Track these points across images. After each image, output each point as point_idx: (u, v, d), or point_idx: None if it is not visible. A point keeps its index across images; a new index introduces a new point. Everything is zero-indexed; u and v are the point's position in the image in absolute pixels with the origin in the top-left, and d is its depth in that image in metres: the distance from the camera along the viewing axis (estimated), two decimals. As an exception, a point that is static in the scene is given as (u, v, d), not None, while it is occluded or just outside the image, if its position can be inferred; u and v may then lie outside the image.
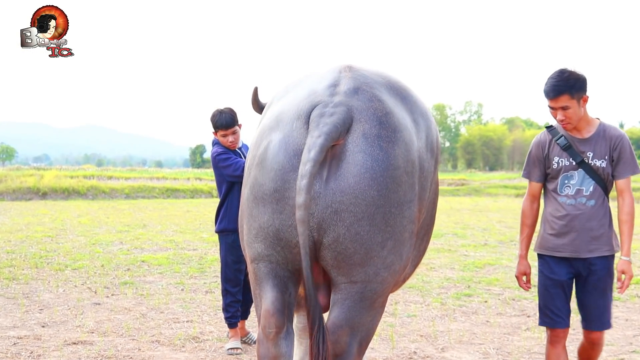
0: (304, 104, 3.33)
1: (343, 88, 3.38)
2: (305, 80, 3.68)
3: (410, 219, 3.35)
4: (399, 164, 3.24)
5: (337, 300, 3.35)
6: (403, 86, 3.73)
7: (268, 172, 3.26)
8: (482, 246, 14.54)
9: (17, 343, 6.42)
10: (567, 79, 4.41)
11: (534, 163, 4.80)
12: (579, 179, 4.57)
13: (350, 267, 3.24)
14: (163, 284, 9.58)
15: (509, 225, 19.84)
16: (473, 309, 8.15)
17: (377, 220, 3.18)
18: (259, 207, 3.29)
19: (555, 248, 4.69)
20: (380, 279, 3.31)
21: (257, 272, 3.42)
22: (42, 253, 12.36)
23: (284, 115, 3.38)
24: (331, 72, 3.58)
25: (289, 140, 3.25)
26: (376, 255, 3.23)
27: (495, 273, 10.83)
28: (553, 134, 4.69)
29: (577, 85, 4.41)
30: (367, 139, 3.19)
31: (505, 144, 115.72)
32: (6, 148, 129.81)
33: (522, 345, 6.66)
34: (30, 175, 36.16)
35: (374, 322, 3.47)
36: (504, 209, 28.71)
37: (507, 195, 44.65)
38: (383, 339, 6.81)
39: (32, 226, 17.49)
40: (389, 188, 3.18)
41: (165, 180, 41.69)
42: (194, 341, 6.63)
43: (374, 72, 3.65)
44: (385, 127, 3.26)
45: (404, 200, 3.27)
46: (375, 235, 3.20)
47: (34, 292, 8.81)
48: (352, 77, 3.47)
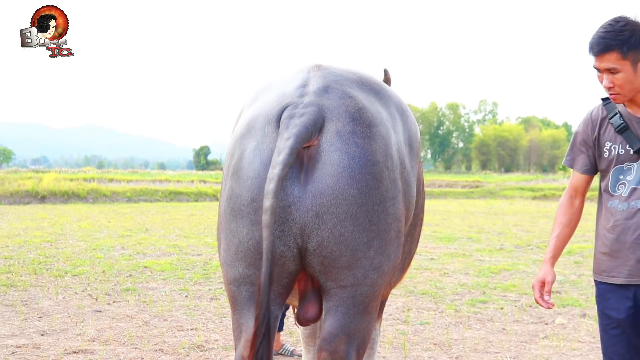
0: (274, 107, 3.22)
1: (312, 88, 3.27)
2: (274, 84, 3.59)
3: (396, 216, 3.24)
4: (377, 159, 3.13)
5: (330, 308, 3.22)
6: (376, 81, 3.63)
7: (244, 181, 3.14)
8: (497, 251, 14.34)
9: (16, 352, 6.25)
10: (620, 30, 3.24)
11: (579, 147, 3.70)
12: (638, 175, 3.44)
13: (338, 271, 3.12)
14: (166, 290, 9.40)
15: (526, 228, 19.71)
16: (488, 316, 7.97)
17: (361, 219, 3.07)
18: (237, 220, 3.17)
19: (608, 271, 3.55)
20: (370, 281, 3.19)
21: (237, 296, 3.29)
22: (41, 259, 12.16)
23: (255, 122, 3.26)
24: (299, 72, 3.49)
25: (262, 146, 3.14)
26: (363, 257, 3.12)
27: (512, 279, 10.65)
28: (609, 109, 3.56)
29: (634, 40, 3.24)
30: (342, 136, 3.09)
31: (521, 145, 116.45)
32: (3, 150, 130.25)
33: (540, 354, 6.46)
34: (28, 178, 36.12)
35: (369, 328, 3.34)
36: (520, 212, 28.52)
37: (524, 197, 44.76)
38: (395, 347, 6.66)
39: (30, 231, 17.29)
40: (369, 185, 3.07)
41: (168, 183, 41.73)
42: (198, 350, 6.45)
43: (344, 69, 3.55)
44: (359, 123, 3.15)
45: (386, 197, 3.16)
46: (360, 235, 3.08)
47: (33, 299, 8.63)
48: (321, 75, 3.37)
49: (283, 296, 3.26)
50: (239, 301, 3.27)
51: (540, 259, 12.84)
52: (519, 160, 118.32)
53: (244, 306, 3.26)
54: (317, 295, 3.33)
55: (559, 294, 9.22)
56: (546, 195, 44.09)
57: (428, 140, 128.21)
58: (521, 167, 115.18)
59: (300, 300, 3.34)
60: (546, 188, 48.15)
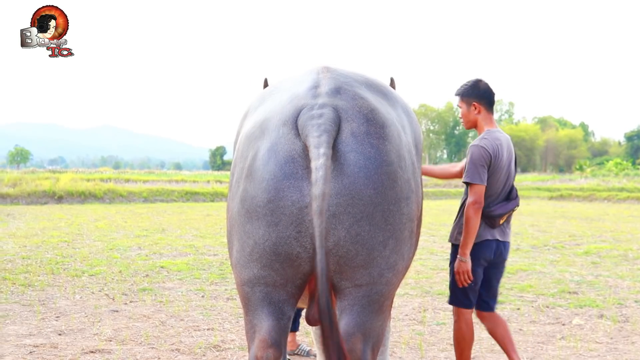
0: (288, 108, 3.23)
1: (325, 89, 3.30)
2: (282, 86, 3.62)
3: (409, 216, 3.27)
4: (391, 159, 3.17)
5: (345, 307, 3.24)
6: (381, 83, 3.69)
7: (259, 182, 3.14)
8: (514, 251, 14.23)
9: (34, 352, 6.26)
10: None
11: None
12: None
13: (354, 271, 3.14)
14: (183, 290, 9.41)
15: (542, 229, 19.63)
16: (505, 317, 7.90)
17: (377, 219, 3.10)
18: (252, 221, 3.16)
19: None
20: (385, 280, 3.22)
21: (251, 297, 3.28)
22: (58, 259, 12.22)
23: (268, 123, 3.27)
24: (309, 74, 3.52)
25: (277, 147, 3.14)
26: (379, 256, 3.14)
27: (529, 279, 10.61)
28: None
29: None
30: (357, 137, 3.12)
31: (538, 145, 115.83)
32: (21, 150, 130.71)
33: (557, 354, 6.43)
34: (45, 178, 36.18)
35: (383, 327, 3.37)
36: (536, 212, 28.42)
37: (540, 197, 44.62)
38: (412, 347, 6.64)
39: (47, 231, 17.36)
40: (384, 185, 3.11)
41: (184, 183, 41.76)
42: (215, 350, 6.46)
43: (351, 71, 3.60)
44: (373, 123, 3.19)
45: (401, 197, 3.20)
46: (376, 235, 3.11)
47: (50, 299, 8.66)
48: (332, 77, 3.40)
49: (296, 297, 3.27)
50: (253, 302, 3.27)
51: (558, 260, 12.79)
52: (536, 160, 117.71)
53: (258, 307, 3.26)
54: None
55: (576, 295, 9.16)
56: (563, 195, 43.89)
57: (444, 140, 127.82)
58: (538, 167, 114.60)
59: (310, 300, 3.34)
60: (563, 188, 47.95)
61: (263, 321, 3.24)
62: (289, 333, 3.32)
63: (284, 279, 3.18)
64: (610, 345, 6.76)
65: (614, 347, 6.69)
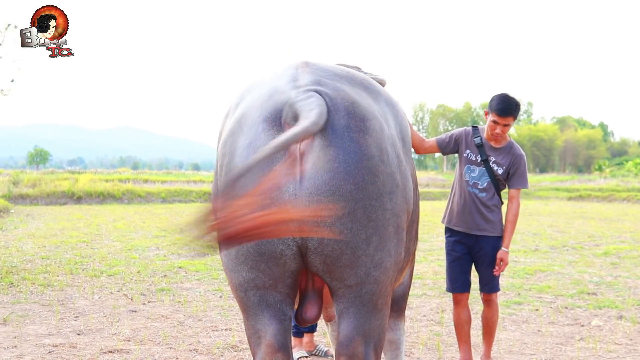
0: (268, 104, 3.15)
1: (303, 82, 3.20)
2: (262, 82, 3.51)
3: (394, 211, 3.17)
4: (372, 153, 3.06)
5: (341, 312, 3.22)
6: (363, 77, 3.57)
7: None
8: (532, 252, 14.19)
9: (53, 351, 6.30)
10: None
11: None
12: None
13: (341, 270, 3.08)
14: (201, 290, 9.43)
15: (561, 229, 19.50)
16: (524, 318, 7.90)
17: (359, 215, 3.01)
18: None
19: None
20: (373, 279, 3.15)
21: (247, 302, 3.24)
22: (77, 259, 12.28)
23: (247, 119, 3.19)
24: (288, 69, 3.42)
25: (256, 143, 3.05)
26: (363, 254, 3.06)
27: (547, 280, 10.54)
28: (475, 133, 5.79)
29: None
30: (336, 131, 3.02)
31: (557, 145, 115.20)
32: (40, 151, 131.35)
33: (576, 356, 6.40)
34: (64, 179, 36.30)
35: (382, 326, 3.33)
36: (555, 213, 28.24)
37: (559, 198, 44.31)
38: (429, 348, 6.63)
39: (66, 231, 17.45)
40: (365, 180, 3.01)
41: (202, 183, 41.70)
42: (232, 350, 6.46)
43: (332, 65, 3.51)
44: (353, 116, 3.09)
45: (383, 192, 3.10)
46: (359, 232, 3.02)
47: (69, 299, 8.71)
48: (310, 71, 3.31)
49: (291, 296, 3.23)
50: (250, 307, 3.24)
51: (576, 260, 12.72)
52: (554, 161, 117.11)
53: (257, 311, 3.23)
54: (317, 296, 3.33)
55: (595, 296, 9.11)
56: (582, 196, 43.62)
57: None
58: (556, 167, 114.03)
59: (300, 299, 3.32)
60: (582, 189, 47.64)
61: (266, 325, 3.22)
62: (291, 336, 3.31)
63: (272, 279, 3.13)
64: (629, 346, 6.72)
65: (634, 348, 6.65)
